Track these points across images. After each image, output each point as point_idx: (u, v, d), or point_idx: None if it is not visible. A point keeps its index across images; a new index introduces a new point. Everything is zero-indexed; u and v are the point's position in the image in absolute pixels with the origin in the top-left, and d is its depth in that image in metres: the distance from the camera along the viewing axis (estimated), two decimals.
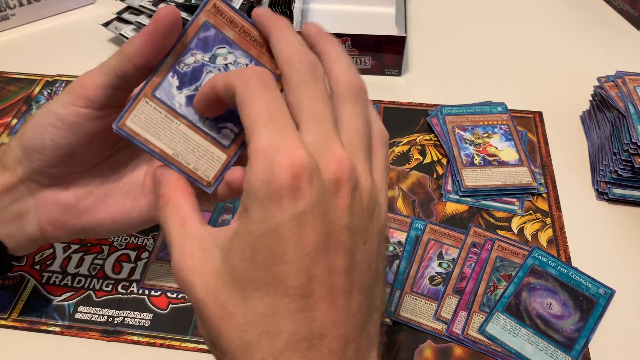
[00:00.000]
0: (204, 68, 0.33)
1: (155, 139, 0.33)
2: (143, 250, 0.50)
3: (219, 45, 0.33)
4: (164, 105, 0.33)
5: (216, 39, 0.33)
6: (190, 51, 0.33)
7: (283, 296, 0.26)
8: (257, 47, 0.34)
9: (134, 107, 0.33)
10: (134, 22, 0.71)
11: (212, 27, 0.33)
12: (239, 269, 0.27)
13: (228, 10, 0.33)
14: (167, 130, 0.33)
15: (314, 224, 0.26)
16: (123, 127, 0.33)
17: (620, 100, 0.54)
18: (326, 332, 0.27)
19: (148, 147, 0.33)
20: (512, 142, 0.59)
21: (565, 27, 0.76)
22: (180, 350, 0.44)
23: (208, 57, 0.33)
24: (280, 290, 0.26)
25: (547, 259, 0.49)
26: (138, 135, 0.33)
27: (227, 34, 0.33)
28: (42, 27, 0.76)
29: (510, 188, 0.55)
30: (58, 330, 0.46)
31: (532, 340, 0.45)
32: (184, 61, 0.33)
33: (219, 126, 0.34)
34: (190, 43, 0.33)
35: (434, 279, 0.48)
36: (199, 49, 0.33)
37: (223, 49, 0.33)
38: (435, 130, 0.60)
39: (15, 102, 0.65)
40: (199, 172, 0.34)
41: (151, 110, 0.33)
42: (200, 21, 0.33)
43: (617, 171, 0.53)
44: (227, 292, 0.27)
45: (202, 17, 0.33)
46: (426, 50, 0.73)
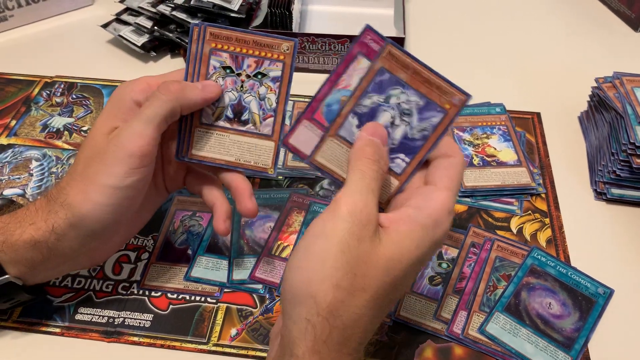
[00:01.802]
0: (379, 107, 0.38)
1: (338, 169, 0.39)
2: (143, 251, 0.50)
3: (393, 86, 0.37)
4: (345, 142, 0.38)
5: (390, 81, 0.37)
6: (367, 94, 0.38)
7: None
8: (427, 85, 0.37)
9: (321, 145, 0.39)
10: (133, 24, 0.71)
11: (387, 71, 0.37)
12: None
13: (401, 55, 0.37)
14: (347, 161, 0.38)
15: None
16: (313, 161, 0.39)
17: (618, 101, 0.55)
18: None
19: (332, 176, 0.39)
20: (511, 143, 0.59)
21: (563, 28, 0.76)
22: (180, 351, 0.44)
23: (383, 97, 0.38)
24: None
25: (547, 259, 0.49)
26: (324, 167, 0.39)
27: (400, 76, 0.37)
28: (40, 28, 0.76)
29: (509, 188, 0.55)
30: (58, 332, 0.45)
31: (532, 339, 0.45)
32: (362, 103, 0.38)
33: (392, 157, 0.38)
34: (367, 87, 0.38)
35: (433, 279, 0.49)
36: (375, 91, 0.38)
37: (396, 90, 0.37)
38: None
39: (14, 103, 0.65)
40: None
41: (335, 146, 0.39)
42: (376, 67, 0.37)
43: (615, 171, 0.53)
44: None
45: (379, 63, 0.37)
46: (425, 51, 0.73)
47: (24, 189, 0.55)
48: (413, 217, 0.35)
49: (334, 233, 0.33)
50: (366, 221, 0.33)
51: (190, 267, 0.49)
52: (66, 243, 0.40)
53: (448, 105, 0.37)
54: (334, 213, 0.33)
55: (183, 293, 0.48)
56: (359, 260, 0.33)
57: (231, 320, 0.46)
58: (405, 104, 0.37)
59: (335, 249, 0.32)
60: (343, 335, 0.32)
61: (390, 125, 0.38)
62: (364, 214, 0.33)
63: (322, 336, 0.32)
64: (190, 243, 0.51)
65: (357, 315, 0.33)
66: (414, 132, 0.38)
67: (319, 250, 0.33)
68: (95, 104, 0.65)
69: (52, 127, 0.62)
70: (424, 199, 0.36)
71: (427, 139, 0.38)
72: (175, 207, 0.54)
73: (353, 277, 0.32)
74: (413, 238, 0.34)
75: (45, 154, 0.59)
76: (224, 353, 0.44)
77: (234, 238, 0.51)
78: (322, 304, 0.32)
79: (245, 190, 0.43)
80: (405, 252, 0.34)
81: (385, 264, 0.33)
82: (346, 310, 0.32)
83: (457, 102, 0.37)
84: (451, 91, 0.37)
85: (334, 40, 0.66)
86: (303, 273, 0.33)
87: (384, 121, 0.38)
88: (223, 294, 0.48)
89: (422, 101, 0.37)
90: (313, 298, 0.32)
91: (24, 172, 0.57)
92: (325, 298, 0.32)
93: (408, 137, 0.38)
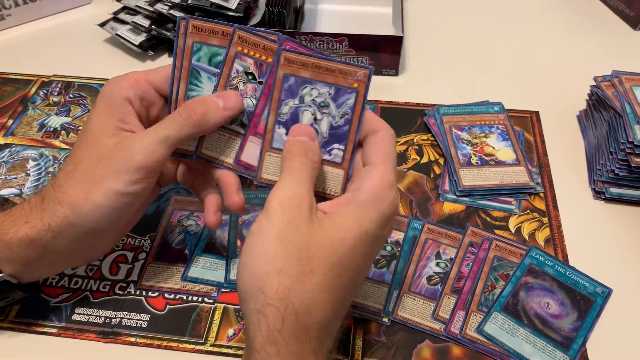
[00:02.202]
0: (298, 110, 0.40)
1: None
2: (140, 251, 0.50)
3: (302, 86, 0.39)
4: (281, 152, 0.39)
5: (297, 83, 0.39)
6: (283, 102, 0.40)
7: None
8: (330, 74, 0.39)
9: (262, 163, 0.41)
10: (130, 22, 0.70)
11: (291, 75, 0.39)
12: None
13: (297, 57, 0.39)
14: None
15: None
16: (261, 180, 0.41)
17: (617, 100, 0.54)
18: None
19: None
20: (509, 142, 0.59)
21: (561, 26, 0.76)
22: (177, 351, 0.44)
23: (297, 100, 0.40)
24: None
25: (545, 259, 0.49)
26: (272, 181, 0.41)
27: (303, 75, 0.39)
28: (38, 27, 0.75)
29: (508, 188, 0.55)
30: (55, 332, 0.45)
31: (530, 339, 0.45)
32: (281, 112, 0.40)
33: (328, 150, 0.40)
34: (280, 96, 0.40)
35: (431, 278, 0.48)
36: (288, 97, 0.40)
37: (306, 89, 0.39)
38: (432, 130, 0.60)
39: (11, 103, 0.64)
40: (328, 191, 0.40)
41: (275, 160, 0.41)
42: (280, 76, 0.39)
43: (613, 170, 0.53)
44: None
45: (280, 71, 0.39)
46: (423, 50, 0.73)
47: (20, 188, 0.55)
48: (351, 198, 0.36)
49: (269, 226, 0.34)
50: (298, 208, 0.34)
51: (188, 267, 0.49)
52: (62, 241, 0.40)
53: (356, 84, 0.39)
54: (266, 209, 0.35)
55: (180, 293, 0.48)
56: (299, 244, 0.33)
57: (228, 321, 0.46)
58: (319, 98, 0.39)
59: (273, 240, 0.33)
60: (298, 322, 0.32)
61: (315, 122, 0.40)
62: (294, 202, 0.34)
63: (275, 325, 0.32)
64: (187, 243, 0.51)
65: (310, 300, 0.33)
66: (337, 119, 0.39)
67: (260, 246, 0.34)
68: (93, 103, 0.64)
69: (49, 126, 0.62)
70: (361, 179, 0.37)
71: (351, 122, 0.39)
72: (173, 206, 0.54)
73: (297, 262, 0.33)
74: (353, 216, 0.35)
75: (42, 153, 0.59)
76: (221, 353, 0.44)
77: (232, 238, 0.51)
78: (269, 292, 0.32)
79: (233, 184, 0.43)
80: (347, 229, 0.35)
81: (328, 245, 0.34)
82: (296, 295, 0.32)
83: (362, 78, 0.39)
84: (353, 70, 0.39)
85: (332, 39, 0.65)
86: (248, 270, 0.34)
87: (307, 120, 0.40)
88: (220, 294, 0.47)
89: (332, 89, 0.39)
90: (260, 289, 0.33)
91: (21, 171, 0.57)
92: (271, 286, 0.32)
93: (334, 126, 0.40)
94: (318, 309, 0.33)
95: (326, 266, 0.33)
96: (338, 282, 0.34)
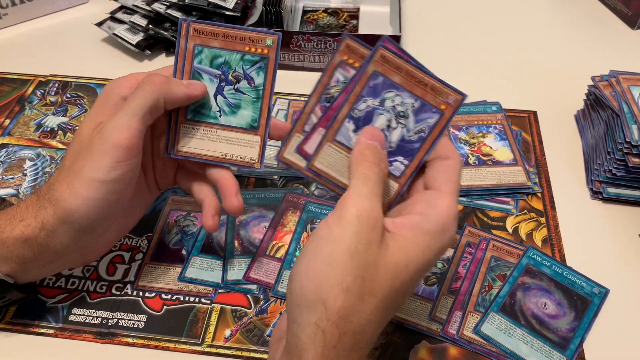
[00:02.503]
0: (374, 111, 0.38)
1: (337, 175, 0.38)
2: (137, 252, 0.50)
3: (387, 89, 0.37)
4: (343, 147, 0.38)
5: (384, 84, 0.37)
6: (362, 98, 0.37)
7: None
8: (421, 87, 0.37)
9: (320, 150, 0.38)
10: (128, 22, 0.70)
11: (380, 75, 0.37)
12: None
13: (394, 58, 0.37)
14: (346, 167, 0.38)
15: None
16: (312, 167, 0.38)
17: (615, 100, 0.54)
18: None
19: (331, 182, 0.38)
20: (507, 142, 0.59)
21: (559, 26, 0.76)
22: (174, 352, 0.44)
23: (378, 101, 0.37)
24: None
25: (542, 259, 0.49)
26: (323, 172, 0.39)
27: (393, 79, 0.37)
28: (35, 26, 0.75)
29: (505, 188, 0.55)
30: (52, 333, 0.45)
31: (527, 340, 0.45)
32: (357, 108, 0.38)
33: (390, 160, 0.38)
34: (362, 91, 0.37)
35: (428, 279, 0.48)
36: (369, 95, 0.37)
37: (391, 93, 0.37)
38: None
39: (7, 103, 0.64)
40: None
41: (333, 152, 0.38)
42: (369, 71, 0.37)
43: (611, 170, 0.53)
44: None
45: (371, 67, 0.37)
46: (421, 49, 0.72)
47: (17, 188, 0.55)
48: (419, 224, 0.35)
49: (342, 237, 0.32)
50: (373, 225, 0.33)
51: (185, 267, 0.49)
52: (56, 239, 0.40)
53: (443, 105, 0.37)
54: (341, 216, 0.33)
55: (177, 294, 0.47)
56: (367, 264, 0.32)
57: (225, 321, 0.46)
58: (400, 107, 0.37)
59: (344, 253, 0.32)
60: (352, 341, 0.32)
61: (387, 129, 0.38)
62: (371, 218, 0.33)
63: (331, 342, 0.31)
64: (184, 243, 0.51)
65: (366, 321, 0.32)
66: (411, 134, 0.37)
67: (328, 254, 0.32)
68: (90, 103, 0.64)
69: (46, 126, 0.62)
70: (428, 205, 0.35)
71: (425, 141, 0.37)
72: (170, 207, 0.54)
73: (362, 282, 0.32)
74: (419, 244, 0.34)
75: (39, 153, 0.59)
76: (218, 354, 0.44)
77: (229, 238, 0.51)
78: (332, 309, 0.31)
79: (232, 187, 0.43)
80: (413, 257, 0.34)
81: (393, 269, 0.33)
82: (356, 315, 0.32)
83: (453, 103, 0.37)
84: (446, 91, 0.37)
85: (330, 38, 0.65)
86: (312, 277, 0.32)
87: (380, 124, 0.38)
88: (217, 294, 0.47)
89: (417, 103, 0.37)
90: (323, 303, 0.31)
91: (18, 171, 0.57)
92: (335, 303, 0.31)
93: (405, 139, 0.38)
94: (370, 329, 0.33)
95: (386, 290, 0.33)
96: (391, 306, 0.34)
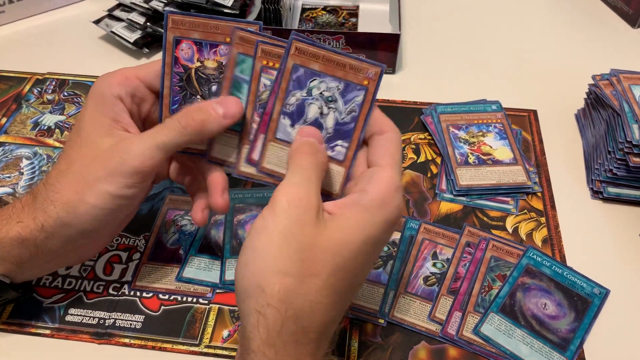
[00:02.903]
0: (305, 102, 0.39)
1: (284, 171, 0.39)
2: (134, 251, 0.50)
3: (310, 79, 0.38)
4: (284, 142, 0.40)
5: (306, 74, 0.38)
6: (290, 93, 0.39)
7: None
8: (340, 68, 0.38)
9: (265, 152, 0.40)
10: (125, 20, 0.70)
11: (300, 66, 0.38)
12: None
13: (309, 47, 0.38)
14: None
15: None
16: (263, 169, 0.40)
17: (615, 99, 0.54)
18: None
19: (281, 178, 0.39)
20: (507, 141, 0.58)
21: (560, 25, 0.76)
22: (172, 352, 0.44)
23: (305, 92, 0.39)
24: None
25: (542, 259, 0.49)
26: (274, 172, 0.40)
27: (313, 67, 0.38)
28: (32, 24, 0.75)
29: (505, 187, 0.54)
30: (48, 333, 0.45)
31: (527, 340, 0.44)
32: (288, 103, 0.39)
33: (331, 145, 0.39)
34: (288, 86, 0.39)
35: (428, 279, 0.48)
36: (296, 88, 0.39)
37: (315, 81, 0.39)
38: (429, 129, 0.60)
39: (4, 101, 0.64)
40: (327, 188, 0.40)
41: (277, 149, 0.40)
42: (289, 65, 0.38)
43: (611, 170, 0.53)
44: None
45: (290, 61, 0.38)
46: (420, 48, 0.72)
47: (14, 187, 0.55)
48: (357, 200, 0.35)
49: (274, 224, 0.33)
50: (306, 207, 0.33)
51: (182, 267, 0.49)
52: (55, 241, 0.39)
53: (366, 81, 0.38)
54: (273, 205, 0.34)
55: (175, 294, 0.47)
56: (304, 245, 0.33)
57: (223, 322, 0.46)
58: (327, 92, 0.39)
59: (278, 239, 0.32)
60: (297, 325, 0.32)
61: (320, 116, 0.39)
62: (302, 201, 0.34)
63: (275, 327, 0.31)
64: (182, 243, 0.50)
65: (311, 303, 0.32)
66: (343, 116, 0.39)
67: (263, 243, 0.33)
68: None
69: (43, 125, 0.61)
70: (368, 181, 0.36)
71: (358, 119, 0.39)
72: (167, 206, 0.53)
73: (300, 264, 0.32)
74: (358, 220, 0.34)
75: (36, 152, 0.58)
76: (215, 355, 0.44)
77: (227, 238, 0.50)
78: (270, 292, 0.32)
79: (219, 184, 0.42)
80: (352, 233, 0.34)
81: (332, 247, 0.33)
82: (297, 298, 0.32)
83: (373, 76, 0.38)
84: (364, 67, 0.38)
85: (329, 37, 0.65)
86: (250, 268, 0.33)
87: (313, 114, 0.39)
88: (215, 294, 0.47)
89: (341, 85, 0.38)
90: (261, 288, 0.32)
91: (15, 170, 0.56)
92: (273, 287, 0.32)
93: (339, 122, 0.39)
94: (318, 312, 0.33)
95: (330, 270, 0.33)
96: (340, 286, 0.34)
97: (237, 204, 0.53)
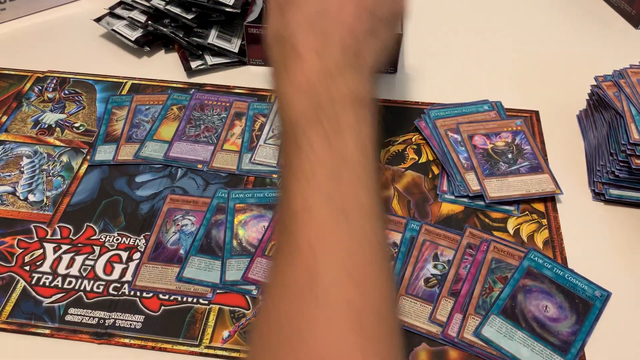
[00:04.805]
0: None
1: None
2: (135, 251, 0.50)
3: None
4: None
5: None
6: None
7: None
8: None
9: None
10: (127, 18, 0.70)
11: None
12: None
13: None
14: None
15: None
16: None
17: (618, 100, 0.54)
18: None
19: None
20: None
21: (562, 25, 0.75)
22: (172, 353, 0.44)
23: None
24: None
25: (543, 261, 0.49)
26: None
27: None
28: (33, 21, 0.74)
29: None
30: (48, 333, 0.45)
31: (528, 343, 0.44)
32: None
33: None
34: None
35: (429, 280, 0.48)
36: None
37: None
38: (424, 134, 0.59)
39: (5, 99, 0.64)
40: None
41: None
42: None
43: (614, 172, 0.52)
44: None
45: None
46: (422, 48, 0.72)
47: (14, 186, 0.55)
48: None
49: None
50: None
51: (183, 267, 0.48)
52: None
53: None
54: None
55: (175, 294, 0.47)
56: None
57: (223, 322, 0.45)
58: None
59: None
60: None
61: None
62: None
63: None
64: (182, 243, 0.50)
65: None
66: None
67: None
68: (88, 99, 0.64)
69: (44, 123, 0.61)
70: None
71: None
72: (168, 206, 0.53)
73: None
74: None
75: (36, 150, 0.58)
76: (215, 355, 0.44)
77: (227, 238, 0.50)
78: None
79: None
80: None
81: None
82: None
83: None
84: None
85: None
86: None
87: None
88: (215, 295, 0.47)
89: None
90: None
91: (15, 169, 0.56)
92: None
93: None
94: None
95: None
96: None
97: (237, 203, 0.53)
